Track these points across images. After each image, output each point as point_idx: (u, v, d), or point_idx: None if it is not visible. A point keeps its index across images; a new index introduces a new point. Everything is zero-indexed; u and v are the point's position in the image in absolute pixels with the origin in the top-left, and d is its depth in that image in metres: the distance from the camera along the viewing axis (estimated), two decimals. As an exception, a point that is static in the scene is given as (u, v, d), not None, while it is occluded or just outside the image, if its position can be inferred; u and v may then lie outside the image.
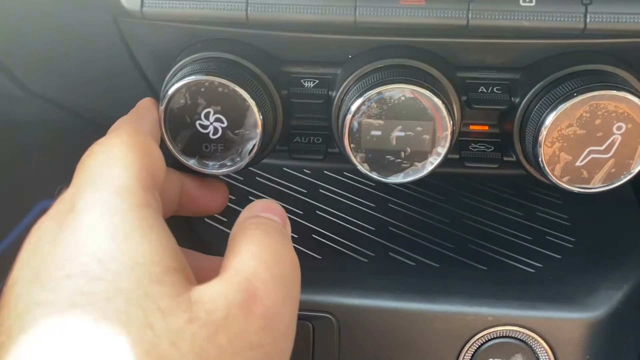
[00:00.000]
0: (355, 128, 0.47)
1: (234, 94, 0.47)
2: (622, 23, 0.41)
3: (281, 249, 0.38)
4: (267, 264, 0.35)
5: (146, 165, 0.37)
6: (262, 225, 0.39)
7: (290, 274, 0.37)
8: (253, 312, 0.33)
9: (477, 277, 0.56)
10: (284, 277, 0.36)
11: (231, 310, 0.32)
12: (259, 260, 0.35)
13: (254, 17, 0.43)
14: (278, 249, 0.37)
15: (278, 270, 0.36)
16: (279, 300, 0.34)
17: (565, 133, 0.45)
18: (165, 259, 0.33)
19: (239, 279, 0.34)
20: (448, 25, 0.41)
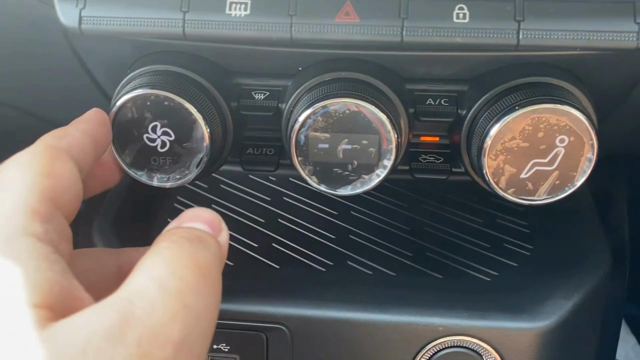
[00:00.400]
0: (303, 141, 0.47)
1: (180, 107, 0.47)
2: (554, 39, 0.41)
3: (187, 258, 0.32)
4: (161, 277, 0.31)
5: (42, 189, 0.34)
6: (173, 236, 0.34)
7: (192, 285, 0.31)
8: (125, 339, 0.28)
9: (431, 286, 0.56)
10: (182, 290, 0.30)
11: (92, 341, 0.27)
12: (151, 275, 0.31)
13: (191, 33, 0.43)
14: (181, 258, 0.32)
15: (173, 282, 0.30)
16: (166, 317, 0.29)
17: (509, 146, 0.45)
18: (24, 294, 0.29)
19: (115, 299, 0.30)
20: (382, 42, 0.41)
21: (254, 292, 0.55)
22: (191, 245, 0.33)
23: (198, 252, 0.33)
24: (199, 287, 0.31)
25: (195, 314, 0.30)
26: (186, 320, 0.30)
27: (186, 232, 0.35)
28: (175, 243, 0.33)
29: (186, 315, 0.30)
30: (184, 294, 0.30)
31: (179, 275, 0.31)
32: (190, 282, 0.31)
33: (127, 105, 0.47)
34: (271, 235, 0.63)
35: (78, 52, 0.53)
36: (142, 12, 0.43)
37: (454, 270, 0.58)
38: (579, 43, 0.41)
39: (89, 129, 0.42)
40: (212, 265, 0.33)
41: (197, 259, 0.33)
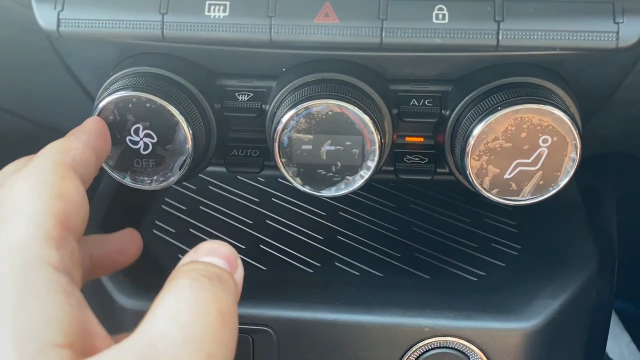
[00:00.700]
0: (286, 143, 0.47)
1: (162, 109, 0.47)
2: (534, 40, 0.41)
3: (208, 301, 0.31)
4: (183, 321, 0.30)
5: (54, 212, 0.33)
6: (193, 273, 0.33)
7: (215, 334, 0.30)
8: None
9: (418, 287, 0.56)
10: (205, 339, 0.30)
11: None
12: (173, 318, 0.30)
13: (170, 35, 0.43)
14: (204, 302, 0.31)
15: (197, 329, 0.30)
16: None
17: (492, 146, 0.45)
18: (46, 333, 0.28)
19: (141, 345, 0.29)
20: (362, 43, 0.41)
21: (240, 294, 0.54)
22: (213, 286, 0.32)
23: (220, 296, 0.32)
24: (221, 335, 0.31)
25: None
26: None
27: (206, 269, 0.33)
28: (197, 282, 0.32)
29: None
30: (207, 342, 0.30)
31: (203, 321, 0.30)
32: (213, 330, 0.30)
33: (109, 108, 0.47)
34: (259, 236, 0.62)
35: (61, 55, 0.52)
36: (121, 15, 0.43)
37: (441, 271, 0.58)
38: (558, 43, 0.41)
39: (91, 141, 0.41)
40: (232, 310, 0.32)
41: (219, 304, 0.31)
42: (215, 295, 0.32)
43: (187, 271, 0.33)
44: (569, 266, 0.57)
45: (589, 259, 0.58)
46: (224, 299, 0.32)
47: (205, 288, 0.32)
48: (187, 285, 0.32)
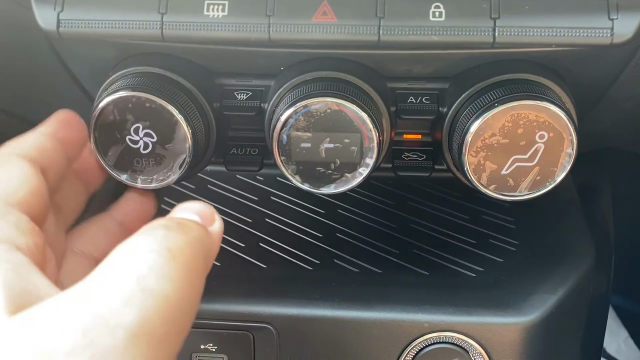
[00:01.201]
0: (285, 141, 0.48)
1: (162, 109, 0.47)
2: (530, 36, 0.41)
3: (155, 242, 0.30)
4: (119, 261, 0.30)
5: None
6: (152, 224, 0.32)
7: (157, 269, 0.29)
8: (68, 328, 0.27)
9: (417, 283, 0.56)
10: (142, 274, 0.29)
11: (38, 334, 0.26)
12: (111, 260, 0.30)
13: (169, 35, 0.43)
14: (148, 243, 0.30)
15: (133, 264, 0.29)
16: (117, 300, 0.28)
17: (489, 142, 0.45)
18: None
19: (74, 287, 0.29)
20: (360, 41, 0.42)
21: (240, 292, 0.55)
22: (165, 231, 0.31)
23: (170, 236, 0.31)
24: (165, 270, 0.29)
25: (158, 298, 0.28)
26: (144, 304, 0.28)
27: (166, 220, 0.33)
28: (152, 230, 0.31)
29: (145, 299, 0.28)
30: (145, 277, 0.28)
31: (142, 258, 0.29)
32: (154, 265, 0.29)
33: (109, 108, 0.47)
34: (258, 234, 0.63)
35: (61, 55, 0.53)
36: (120, 15, 0.44)
37: (440, 267, 0.58)
38: (554, 40, 0.41)
39: (50, 130, 0.43)
40: (185, 249, 0.31)
41: (167, 242, 0.30)
42: (164, 236, 0.31)
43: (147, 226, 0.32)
44: (567, 261, 0.57)
45: (586, 254, 0.58)
46: (176, 239, 0.31)
47: (157, 232, 0.31)
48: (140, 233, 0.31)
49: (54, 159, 0.41)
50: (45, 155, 0.41)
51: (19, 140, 0.41)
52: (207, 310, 0.53)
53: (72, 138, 0.44)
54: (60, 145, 0.43)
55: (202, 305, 0.54)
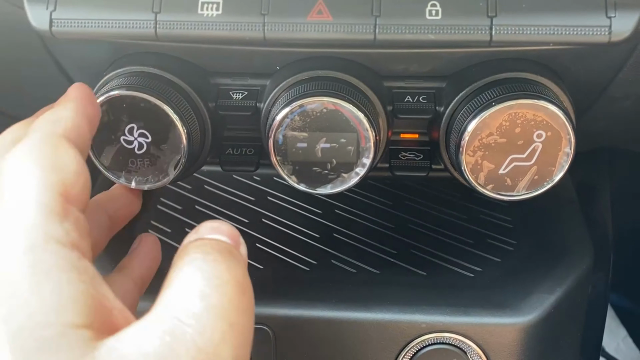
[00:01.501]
0: (281, 141, 0.47)
1: (156, 108, 0.46)
2: (527, 35, 0.41)
3: (224, 272, 0.31)
4: (203, 292, 0.29)
5: (52, 185, 0.31)
6: (203, 247, 0.32)
7: (235, 302, 0.30)
8: (180, 358, 0.27)
9: (415, 283, 0.56)
10: (227, 308, 0.29)
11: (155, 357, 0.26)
12: (192, 290, 0.29)
13: (163, 34, 0.43)
14: (219, 273, 0.30)
15: (217, 298, 0.29)
16: (217, 336, 0.28)
17: (487, 142, 0.45)
18: (63, 314, 0.27)
19: (164, 318, 0.28)
20: (356, 40, 0.41)
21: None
22: (225, 258, 0.32)
23: (233, 266, 0.32)
24: (241, 303, 0.31)
25: (240, 332, 0.30)
26: (236, 339, 0.29)
27: (215, 244, 0.33)
28: (210, 255, 0.31)
29: (234, 334, 0.29)
30: (229, 312, 0.30)
31: (222, 291, 0.30)
32: (233, 299, 0.30)
33: (103, 108, 0.47)
34: (255, 235, 0.62)
35: (54, 55, 0.52)
36: (114, 14, 0.43)
37: (438, 267, 0.58)
38: (551, 38, 0.41)
39: (80, 107, 0.38)
40: (247, 280, 0.32)
41: (235, 273, 0.31)
42: (229, 265, 0.31)
43: (196, 246, 0.32)
44: (565, 261, 0.57)
45: (584, 253, 0.58)
46: (238, 269, 0.32)
47: (218, 260, 0.31)
48: (200, 259, 0.31)
49: (87, 142, 0.37)
50: (82, 139, 0.36)
51: (56, 119, 0.36)
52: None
53: (95, 114, 0.40)
54: (89, 123, 0.38)
55: (198, 307, 0.54)
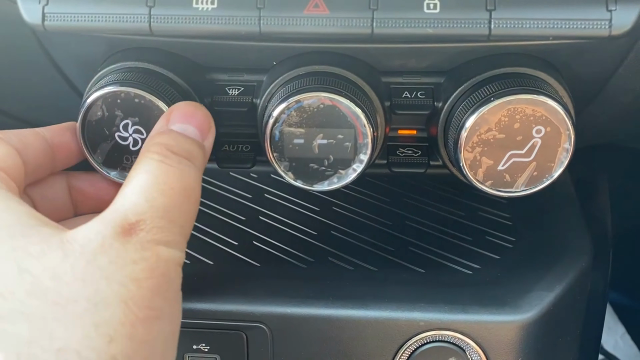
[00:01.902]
0: (277, 137, 0.47)
1: (151, 104, 0.46)
2: (526, 28, 0.40)
3: (175, 178, 0.37)
4: (150, 195, 0.36)
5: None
6: (162, 148, 0.39)
7: (179, 205, 0.37)
8: (131, 241, 0.34)
9: (413, 281, 0.55)
10: (168, 207, 0.36)
11: (105, 240, 0.34)
12: (141, 193, 0.36)
13: (157, 28, 0.42)
14: (169, 179, 0.37)
15: (161, 200, 0.36)
16: (157, 230, 0.35)
17: (485, 137, 0.45)
18: (26, 219, 0.34)
19: (115, 216, 0.35)
20: (353, 34, 0.41)
21: (233, 291, 0.54)
22: (180, 164, 0.38)
23: (185, 173, 0.38)
24: (184, 206, 0.37)
25: (179, 226, 0.37)
26: (171, 230, 0.36)
27: (176, 145, 0.39)
28: (167, 159, 0.38)
29: (172, 228, 0.36)
30: (170, 211, 0.36)
31: (168, 195, 0.37)
32: (176, 202, 0.37)
33: (97, 104, 0.46)
34: (252, 232, 0.62)
35: (48, 50, 0.52)
36: (107, 8, 0.42)
37: (436, 264, 0.58)
38: (551, 32, 0.41)
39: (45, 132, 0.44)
40: (196, 184, 0.39)
41: (184, 180, 0.38)
42: (182, 172, 0.38)
43: (158, 144, 0.39)
44: (564, 258, 0.56)
45: (583, 250, 0.57)
46: (190, 175, 0.38)
47: (173, 166, 0.38)
48: (156, 163, 0.38)
49: (36, 156, 0.43)
50: (29, 150, 0.42)
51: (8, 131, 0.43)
52: (199, 310, 0.52)
53: (66, 145, 0.46)
54: (49, 147, 0.44)
55: (194, 305, 0.53)
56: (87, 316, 0.31)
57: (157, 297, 0.34)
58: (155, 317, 0.34)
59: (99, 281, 0.32)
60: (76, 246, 0.33)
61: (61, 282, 0.32)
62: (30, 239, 0.33)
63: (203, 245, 0.59)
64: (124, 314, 0.32)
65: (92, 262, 0.33)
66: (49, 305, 0.31)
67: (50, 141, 0.44)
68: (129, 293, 0.33)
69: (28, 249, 0.33)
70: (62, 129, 0.46)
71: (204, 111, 0.42)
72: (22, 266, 0.32)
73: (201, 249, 0.59)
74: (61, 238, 0.34)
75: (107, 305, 0.32)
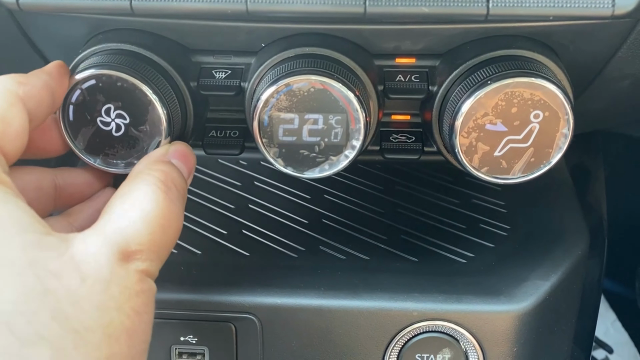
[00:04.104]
0: (266, 122, 0.45)
1: (134, 88, 0.44)
2: (526, 7, 0.39)
3: (172, 214, 0.39)
4: (153, 228, 0.37)
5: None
6: (168, 179, 0.40)
7: (171, 239, 0.39)
8: (129, 268, 0.36)
9: (406, 270, 0.54)
10: (162, 244, 0.38)
11: (113, 267, 0.35)
12: (146, 223, 0.37)
13: (139, 7, 0.40)
14: (169, 215, 0.38)
15: (160, 237, 0.38)
16: (149, 263, 0.37)
17: (482, 122, 0.43)
18: (35, 226, 0.34)
19: (118, 238, 0.36)
20: (344, 13, 0.39)
21: (222, 281, 0.52)
22: (178, 201, 0.40)
23: (181, 211, 0.40)
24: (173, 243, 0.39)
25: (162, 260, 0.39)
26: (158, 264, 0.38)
27: (177, 180, 0.41)
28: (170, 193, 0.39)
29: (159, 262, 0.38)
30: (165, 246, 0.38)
31: (167, 232, 0.38)
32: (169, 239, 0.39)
33: (78, 88, 0.44)
34: (241, 221, 0.60)
35: (26, 32, 0.49)
36: (85, -15, 0.40)
37: (430, 253, 0.56)
38: (551, 11, 0.39)
39: (50, 82, 0.42)
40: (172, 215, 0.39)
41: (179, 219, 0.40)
42: (179, 210, 0.40)
43: (164, 172, 0.40)
44: (560, 246, 0.55)
45: (579, 238, 0.56)
46: (182, 214, 0.41)
47: (174, 202, 0.39)
48: (162, 195, 0.39)
49: (42, 113, 0.41)
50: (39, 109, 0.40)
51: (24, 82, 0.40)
52: (187, 300, 0.51)
53: (61, 92, 0.43)
54: (52, 100, 0.42)
55: (181, 295, 0.52)
56: (104, 347, 0.32)
57: (149, 330, 0.36)
58: (146, 350, 0.35)
59: (112, 312, 0.33)
60: (89, 270, 0.34)
61: (81, 308, 0.32)
62: (46, 252, 0.33)
63: (191, 234, 0.58)
64: (127, 347, 0.33)
65: (106, 290, 0.34)
66: (70, 332, 0.31)
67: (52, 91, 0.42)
68: (133, 326, 0.34)
69: (47, 265, 0.32)
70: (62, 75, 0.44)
71: (194, 156, 0.45)
72: (46, 286, 0.32)
73: (189, 238, 0.57)
74: (72, 255, 0.34)
75: (117, 338, 0.33)
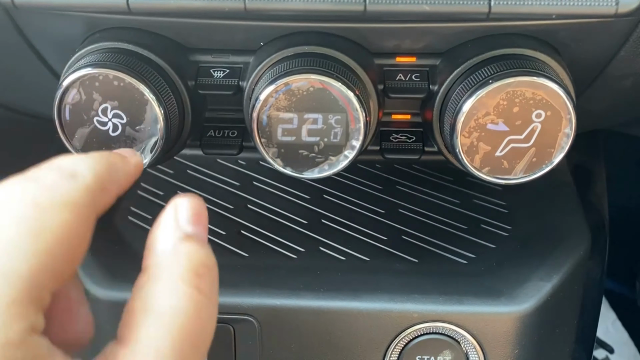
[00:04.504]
0: (265, 122, 0.44)
1: (131, 87, 0.43)
2: (528, 6, 0.38)
3: (206, 322, 0.32)
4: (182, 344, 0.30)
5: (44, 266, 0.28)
6: (192, 283, 0.32)
7: (204, 346, 0.32)
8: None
9: (406, 271, 0.54)
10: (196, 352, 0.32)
11: None
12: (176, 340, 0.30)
13: (136, 6, 0.40)
14: (203, 324, 0.32)
15: (191, 351, 0.31)
16: None
17: (483, 122, 0.43)
18: None
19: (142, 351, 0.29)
20: (344, 11, 0.38)
21: (220, 282, 0.51)
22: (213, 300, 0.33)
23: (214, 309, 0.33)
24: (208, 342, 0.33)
25: None
26: None
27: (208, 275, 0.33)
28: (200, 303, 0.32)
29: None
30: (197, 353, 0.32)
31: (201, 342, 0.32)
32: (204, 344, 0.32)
33: (74, 87, 0.44)
34: (240, 222, 0.60)
35: (23, 31, 0.49)
36: (81, -17, 0.40)
37: (430, 254, 0.56)
38: (554, 9, 0.38)
39: (124, 186, 0.36)
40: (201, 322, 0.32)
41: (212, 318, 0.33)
42: (211, 314, 0.33)
43: (194, 274, 0.32)
44: (561, 247, 0.55)
45: (581, 238, 0.56)
46: (214, 316, 0.33)
47: (206, 307, 0.32)
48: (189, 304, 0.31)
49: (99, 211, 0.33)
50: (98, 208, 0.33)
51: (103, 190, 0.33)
52: (185, 302, 0.50)
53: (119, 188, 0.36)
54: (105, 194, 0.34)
55: (179, 297, 0.51)
56: None
57: None
58: None
59: None
60: None
61: None
62: None
63: (189, 235, 0.57)
64: None
65: None
66: None
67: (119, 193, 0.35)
68: None
69: None
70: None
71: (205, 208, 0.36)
72: None
73: (187, 238, 0.57)
74: None
75: None
